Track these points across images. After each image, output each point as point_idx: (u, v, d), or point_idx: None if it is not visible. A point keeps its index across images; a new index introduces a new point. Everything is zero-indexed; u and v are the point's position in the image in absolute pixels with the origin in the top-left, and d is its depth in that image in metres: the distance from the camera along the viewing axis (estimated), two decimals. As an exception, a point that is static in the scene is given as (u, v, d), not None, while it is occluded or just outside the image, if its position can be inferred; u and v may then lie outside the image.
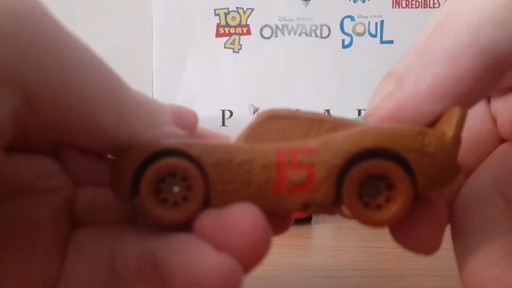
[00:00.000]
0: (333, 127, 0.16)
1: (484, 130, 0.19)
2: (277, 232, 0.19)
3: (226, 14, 0.60)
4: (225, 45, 0.60)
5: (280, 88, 0.60)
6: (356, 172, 0.15)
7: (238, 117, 0.60)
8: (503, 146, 0.19)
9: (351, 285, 0.26)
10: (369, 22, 0.59)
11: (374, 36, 0.59)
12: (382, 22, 0.59)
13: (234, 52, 0.60)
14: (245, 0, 0.60)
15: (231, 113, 0.60)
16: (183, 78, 0.60)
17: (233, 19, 0.60)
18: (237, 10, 0.60)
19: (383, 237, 0.36)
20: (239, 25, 0.60)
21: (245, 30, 0.60)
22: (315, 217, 0.43)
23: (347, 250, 0.34)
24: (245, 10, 0.60)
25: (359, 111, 0.59)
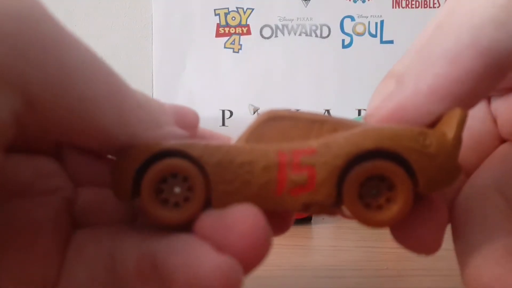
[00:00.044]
0: (333, 127, 0.16)
1: (485, 130, 0.19)
2: (277, 232, 0.19)
3: (226, 14, 0.60)
4: (225, 45, 0.60)
5: (280, 88, 0.60)
6: (357, 173, 0.15)
7: (238, 117, 0.60)
8: (503, 146, 0.19)
9: (351, 285, 0.26)
10: (369, 22, 0.59)
11: (374, 36, 0.59)
12: (382, 22, 0.59)
13: (234, 52, 0.60)
14: (245, 0, 0.59)
15: (231, 113, 0.60)
16: (183, 78, 0.60)
17: (233, 19, 0.60)
18: (237, 10, 0.60)
19: (383, 237, 0.36)
20: (239, 25, 0.60)
21: (245, 30, 0.60)
22: (315, 217, 0.43)
23: (347, 250, 0.34)
24: (245, 10, 0.60)
25: (359, 111, 0.59)
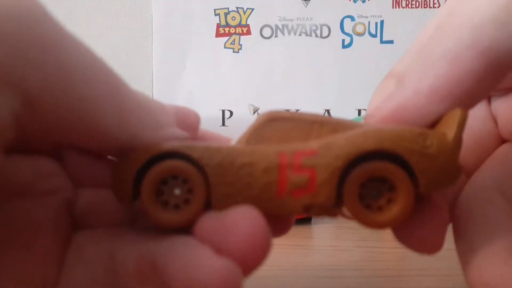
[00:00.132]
0: (334, 128, 0.16)
1: (485, 131, 0.19)
2: (277, 234, 0.19)
3: (226, 14, 0.60)
4: (225, 45, 0.60)
5: (280, 88, 0.60)
6: (357, 174, 0.15)
7: (238, 117, 0.60)
8: (504, 147, 0.19)
9: (351, 285, 0.26)
10: (369, 22, 0.59)
11: (374, 36, 0.59)
12: (382, 22, 0.59)
13: (234, 52, 0.60)
14: (245, 0, 0.59)
15: (231, 113, 0.60)
16: (183, 78, 0.60)
17: (233, 19, 0.60)
18: (237, 10, 0.60)
19: (383, 237, 0.36)
20: (239, 25, 0.60)
21: (245, 30, 0.60)
22: (315, 217, 0.43)
23: (347, 250, 0.34)
24: (245, 10, 0.60)
25: (359, 111, 0.59)
